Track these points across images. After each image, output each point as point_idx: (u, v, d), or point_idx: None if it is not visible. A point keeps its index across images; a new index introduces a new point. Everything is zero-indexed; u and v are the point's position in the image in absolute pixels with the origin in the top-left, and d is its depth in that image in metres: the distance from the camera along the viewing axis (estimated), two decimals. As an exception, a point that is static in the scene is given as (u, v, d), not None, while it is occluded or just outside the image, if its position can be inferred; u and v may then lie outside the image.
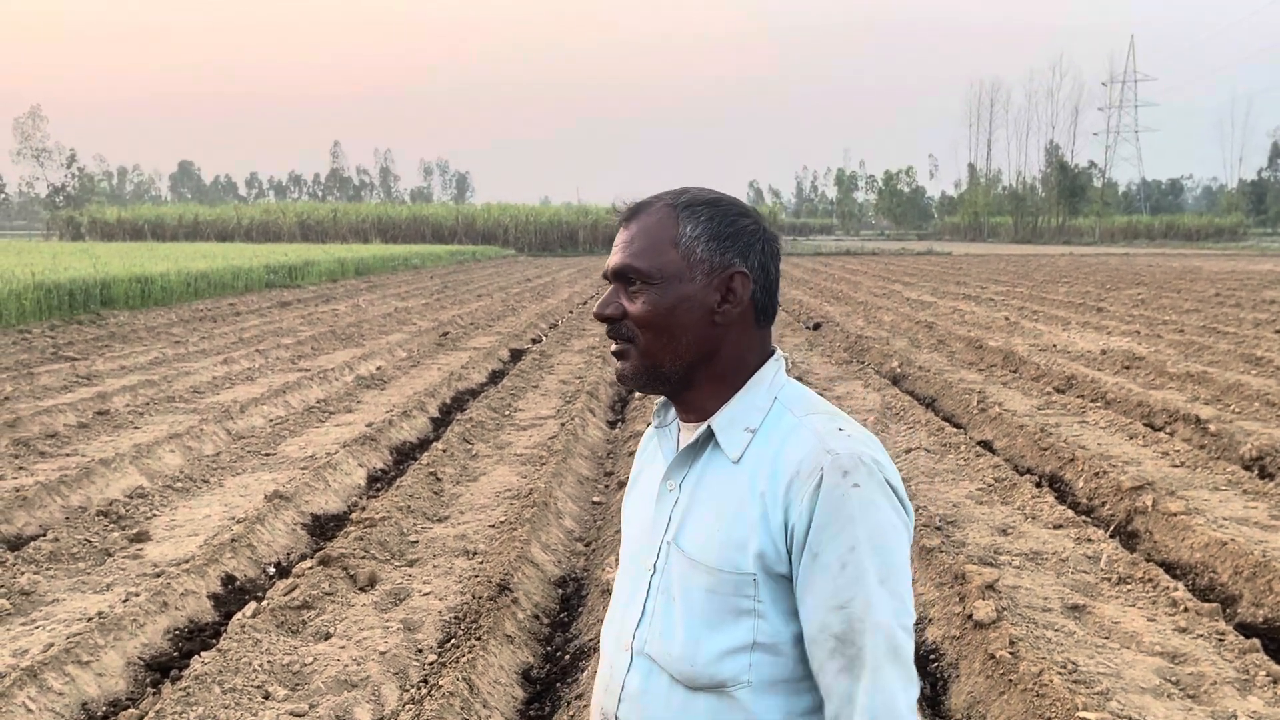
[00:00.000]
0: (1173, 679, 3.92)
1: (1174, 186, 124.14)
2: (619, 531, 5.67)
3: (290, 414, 9.07)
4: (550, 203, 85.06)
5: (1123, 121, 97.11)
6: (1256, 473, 7.02)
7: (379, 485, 7.07)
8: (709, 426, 1.42)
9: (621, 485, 6.70)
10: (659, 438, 1.54)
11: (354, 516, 5.90)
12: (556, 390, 10.48)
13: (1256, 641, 4.19)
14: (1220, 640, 4.23)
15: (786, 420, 1.38)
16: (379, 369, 11.63)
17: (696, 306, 1.39)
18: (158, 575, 5.02)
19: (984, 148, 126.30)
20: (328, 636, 4.30)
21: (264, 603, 4.54)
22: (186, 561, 5.12)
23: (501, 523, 5.88)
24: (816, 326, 16.59)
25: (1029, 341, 14.34)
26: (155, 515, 6.03)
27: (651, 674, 1.40)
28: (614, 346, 1.45)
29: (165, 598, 4.61)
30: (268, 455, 7.55)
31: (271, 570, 5.34)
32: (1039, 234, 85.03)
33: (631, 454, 7.39)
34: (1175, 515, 5.75)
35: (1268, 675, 3.87)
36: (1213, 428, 8.09)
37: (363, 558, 5.14)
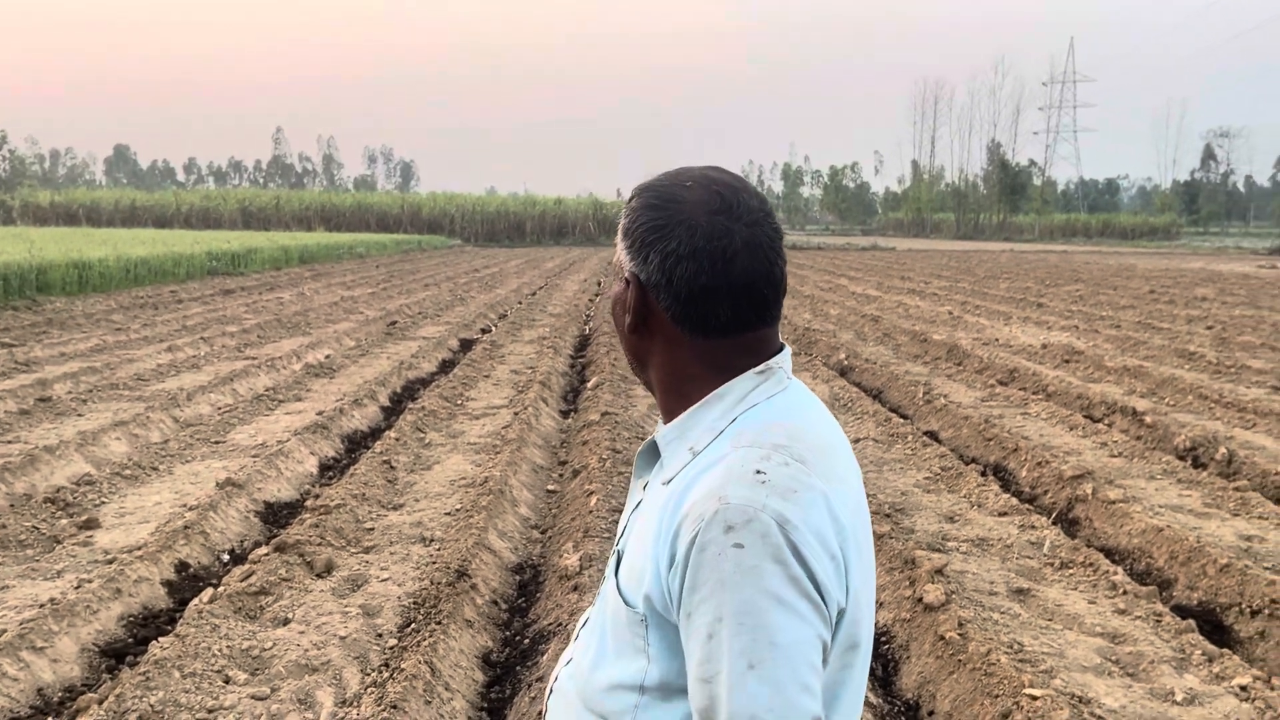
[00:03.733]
0: (1113, 658, 4.08)
1: (1110, 186, 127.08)
2: (574, 519, 5.72)
3: (239, 402, 8.97)
4: (496, 193, 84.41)
5: (1062, 121, 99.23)
6: (1190, 462, 7.27)
7: (332, 473, 7.03)
8: (654, 439, 1.31)
9: (576, 474, 6.75)
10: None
11: (308, 504, 5.88)
12: (508, 380, 10.48)
13: (1192, 622, 4.37)
14: (1158, 621, 4.40)
15: (722, 449, 1.19)
16: (327, 357, 11.52)
17: (619, 308, 1.31)
18: (109, 562, 4.96)
19: (928, 145, 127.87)
20: (286, 622, 4.29)
21: (221, 589, 4.51)
22: (139, 548, 5.07)
23: (457, 510, 5.89)
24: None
25: (972, 335, 14.63)
26: (104, 503, 5.94)
27: (572, 679, 1.33)
28: None
29: (118, 584, 4.57)
30: (217, 443, 7.46)
31: (226, 557, 5.31)
32: (980, 230, 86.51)
33: (585, 444, 7.44)
34: (1114, 503, 5.94)
35: (1203, 654, 4.04)
36: (1149, 419, 8.36)
37: (319, 545, 5.13)
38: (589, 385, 9.96)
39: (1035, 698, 3.51)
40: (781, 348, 1.30)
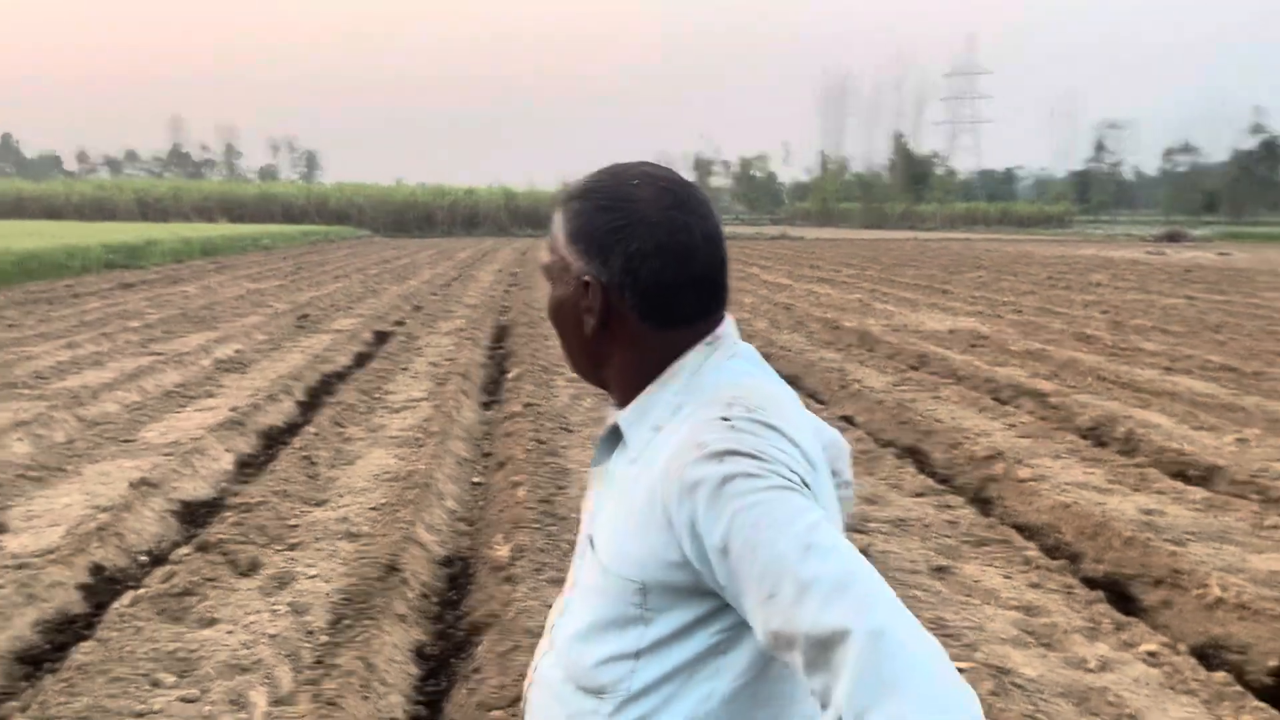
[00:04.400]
0: (1029, 630, 4.26)
1: (1009, 175, 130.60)
2: (503, 511, 5.72)
3: (147, 399, 8.70)
4: (405, 183, 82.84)
5: (962, 112, 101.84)
6: (1093, 441, 7.58)
7: (250, 470, 6.88)
8: (615, 423, 1.33)
9: (501, 466, 6.73)
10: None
11: (228, 502, 5.76)
12: (427, 372, 10.38)
13: (1101, 594, 4.58)
14: (1069, 594, 4.60)
15: (684, 414, 1.24)
16: (238, 352, 11.25)
17: (570, 311, 1.32)
18: (20, 567, 4.78)
19: (834, 135, 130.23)
20: (213, 622, 4.21)
21: (142, 591, 4.40)
22: (51, 552, 4.90)
23: (383, 505, 5.84)
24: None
25: (882, 322, 14.98)
26: (9, 506, 5.72)
27: (556, 665, 1.33)
28: None
29: (31, 590, 4.42)
30: (127, 442, 7.24)
31: (144, 559, 5.17)
32: (886, 219, 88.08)
33: (509, 435, 7.43)
34: (1024, 481, 6.18)
35: (1112, 623, 4.25)
36: (1053, 400, 8.69)
37: (242, 543, 5.03)
38: (510, 376, 9.93)
39: (959, 670, 3.65)
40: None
